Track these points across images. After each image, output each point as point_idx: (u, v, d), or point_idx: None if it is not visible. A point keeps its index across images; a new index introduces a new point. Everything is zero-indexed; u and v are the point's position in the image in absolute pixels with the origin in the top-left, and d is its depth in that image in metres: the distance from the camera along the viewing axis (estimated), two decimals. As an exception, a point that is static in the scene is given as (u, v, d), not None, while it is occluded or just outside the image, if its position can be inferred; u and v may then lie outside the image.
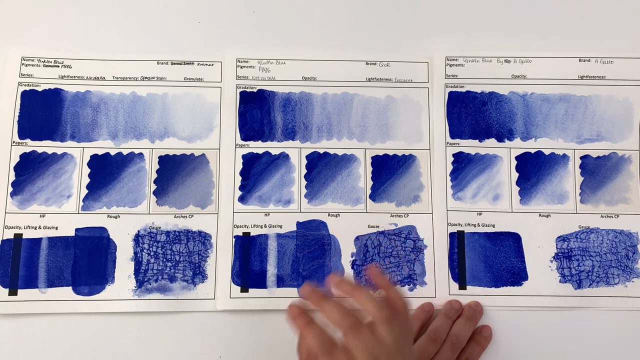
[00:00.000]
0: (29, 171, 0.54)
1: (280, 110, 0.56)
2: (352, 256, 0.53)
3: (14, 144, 0.54)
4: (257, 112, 0.56)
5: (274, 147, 0.55)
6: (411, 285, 0.53)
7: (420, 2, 0.58)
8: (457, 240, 0.54)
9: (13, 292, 0.51)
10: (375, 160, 0.55)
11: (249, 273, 0.53)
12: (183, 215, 0.54)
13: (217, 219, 0.54)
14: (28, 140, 0.54)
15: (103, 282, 0.52)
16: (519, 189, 0.55)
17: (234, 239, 0.53)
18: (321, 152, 0.55)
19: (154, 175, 0.54)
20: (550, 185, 0.55)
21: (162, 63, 0.56)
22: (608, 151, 0.55)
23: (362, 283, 0.52)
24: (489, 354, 0.52)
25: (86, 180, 0.54)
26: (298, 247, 0.53)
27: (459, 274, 0.53)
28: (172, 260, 0.53)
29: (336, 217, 0.54)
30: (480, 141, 0.55)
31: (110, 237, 0.53)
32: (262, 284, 0.53)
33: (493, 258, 0.54)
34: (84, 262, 0.52)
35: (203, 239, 0.53)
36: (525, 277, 0.53)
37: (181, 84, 0.56)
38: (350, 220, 0.54)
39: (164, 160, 0.55)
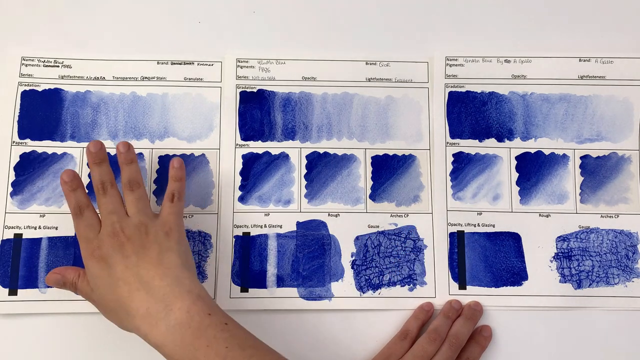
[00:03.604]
0: (29, 171, 0.54)
1: (280, 110, 0.56)
2: (352, 256, 0.53)
3: (14, 144, 0.54)
4: (257, 112, 0.56)
5: (274, 147, 0.55)
6: (411, 285, 0.53)
7: (420, 2, 0.58)
8: (457, 240, 0.54)
9: (13, 292, 0.51)
10: (375, 160, 0.55)
11: (249, 273, 0.53)
12: (183, 215, 0.53)
13: (217, 219, 0.54)
14: (28, 140, 0.54)
15: (103, 282, 0.52)
16: (519, 189, 0.55)
17: (233, 239, 0.53)
18: (321, 152, 0.55)
19: (154, 175, 0.54)
20: (550, 185, 0.55)
21: (162, 63, 0.56)
22: (608, 151, 0.55)
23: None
24: (489, 354, 0.52)
25: (86, 180, 0.54)
26: (298, 247, 0.53)
27: (459, 274, 0.53)
28: (172, 260, 0.53)
29: (336, 217, 0.54)
30: (480, 141, 0.55)
31: (110, 237, 0.53)
32: (262, 284, 0.53)
33: (493, 258, 0.54)
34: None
35: (203, 239, 0.53)
36: (525, 277, 0.53)
37: (181, 84, 0.56)
38: (350, 220, 0.54)
39: (164, 160, 0.55)
